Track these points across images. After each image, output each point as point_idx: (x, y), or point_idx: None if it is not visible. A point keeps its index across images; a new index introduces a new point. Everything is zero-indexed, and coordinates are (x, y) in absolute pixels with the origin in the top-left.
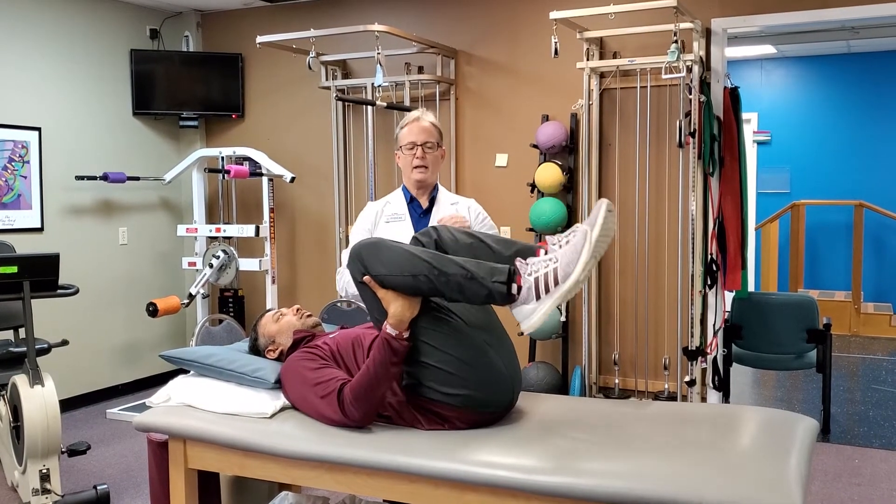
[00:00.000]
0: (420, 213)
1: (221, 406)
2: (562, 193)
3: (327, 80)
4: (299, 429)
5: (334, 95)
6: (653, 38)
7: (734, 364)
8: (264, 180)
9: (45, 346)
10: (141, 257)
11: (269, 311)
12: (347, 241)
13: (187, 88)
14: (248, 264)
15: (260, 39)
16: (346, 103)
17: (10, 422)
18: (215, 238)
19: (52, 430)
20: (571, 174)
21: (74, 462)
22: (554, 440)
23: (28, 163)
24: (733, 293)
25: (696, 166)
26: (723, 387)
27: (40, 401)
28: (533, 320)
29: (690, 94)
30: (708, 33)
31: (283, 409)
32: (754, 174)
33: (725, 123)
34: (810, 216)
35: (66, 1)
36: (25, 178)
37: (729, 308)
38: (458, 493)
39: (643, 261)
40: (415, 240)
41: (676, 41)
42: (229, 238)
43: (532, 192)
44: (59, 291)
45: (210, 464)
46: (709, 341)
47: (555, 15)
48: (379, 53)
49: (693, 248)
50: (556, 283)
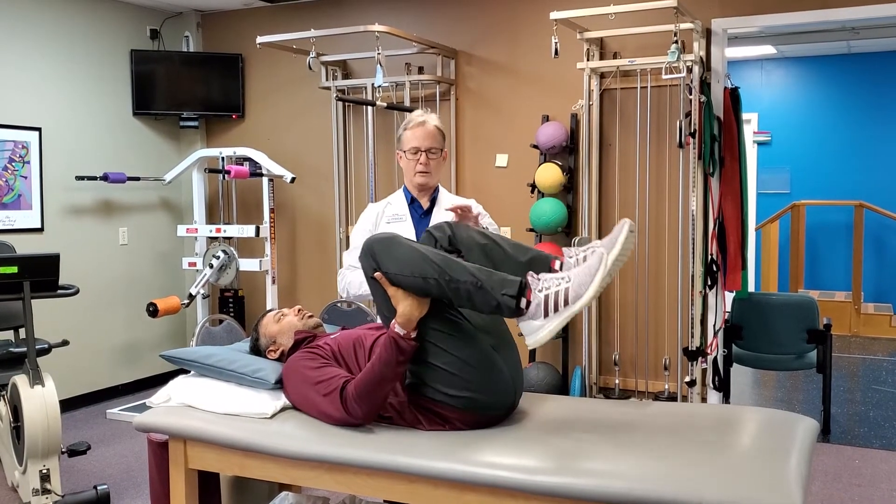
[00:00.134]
0: (421, 214)
1: (221, 406)
2: (562, 194)
3: (327, 80)
4: (299, 429)
5: (334, 96)
6: (653, 38)
7: (734, 364)
8: (264, 180)
9: (46, 346)
10: (141, 257)
11: (270, 311)
12: (348, 242)
13: (187, 89)
14: (248, 264)
15: (260, 40)
16: (347, 103)
17: (10, 422)
18: (215, 238)
19: (53, 431)
20: (572, 174)
21: (74, 462)
22: (554, 440)
23: (28, 163)
24: (733, 293)
25: (697, 166)
26: (723, 387)
27: (40, 401)
28: (539, 336)
29: (690, 94)
30: (708, 34)
31: (283, 410)
32: (754, 174)
33: (725, 124)
34: (810, 216)
35: (66, 1)
36: (26, 178)
37: (729, 308)
38: (457, 493)
39: (643, 261)
40: (428, 234)
41: (677, 41)
42: (229, 238)
43: (532, 192)
44: (60, 291)
45: (210, 464)
46: (709, 342)
47: (555, 15)
48: (379, 54)
49: (693, 248)
50: (566, 304)
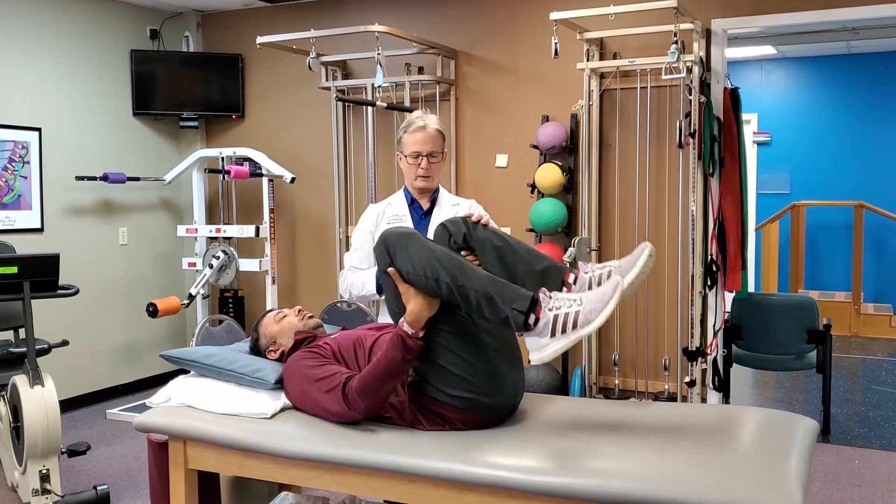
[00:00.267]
0: (421, 215)
1: (221, 406)
2: (562, 194)
3: (327, 80)
4: (299, 429)
5: (334, 96)
6: (653, 38)
7: (734, 364)
8: (264, 181)
9: (46, 346)
10: (141, 257)
11: (270, 311)
12: (348, 242)
13: (187, 89)
14: (248, 265)
15: (260, 40)
16: (347, 104)
17: (10, 422)
18: (215, 238)
19: (52, 431)
20: (571, 175)
21: (74, 462)
22: (554, 440)
23: (28, 163)
24: (733, 294)
25: (696, 167)
26: (723, 387)
27: (40, 401)
28: (543, 355)
29: (690, 94)
30: (708, 34)
31: (283, 410)
32: (754, 175)
33: (725, 124)
34: (810, 217)
35: (66, 1)
36: (25, 178)
37: (729, 308)
38: (457, 493)
39: None
40: (443, 227)
41: (676, 42)
42: (229, 238)
43: (532, 192)
44: (59, 292)
45: (210, 464)
46: (709, 342)
47: (555, 15)
48: (379, 54)
49: (693, 248)
50: (575, 327)
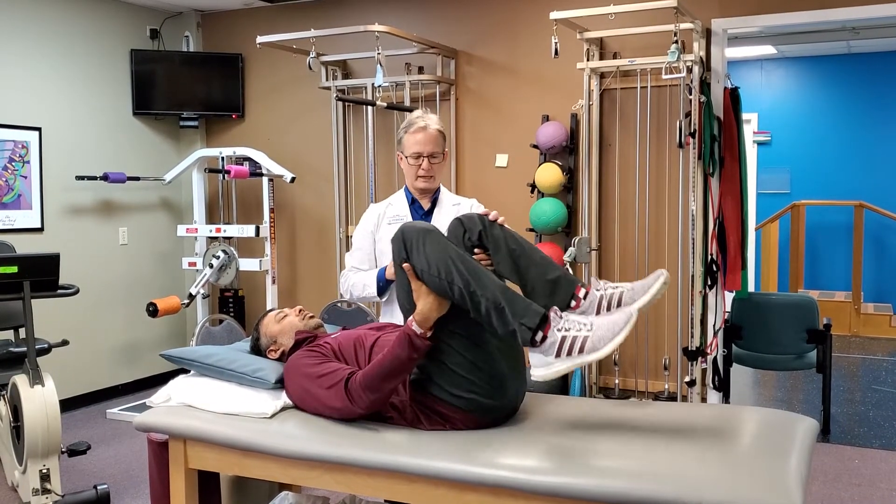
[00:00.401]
0: (422, 215)
1: (222, 406)
2: (562, 194)
3: (327, 80)
4: (299, 429)
5: (334, 96)
6: (653, 38)
7: (734, 364)
8: (264, 180)
9: (46, 345)
10: (141, 257)
11: (271, 311)
12: (348, 242)
13: (187, 88)
14: (248, 264)
15: (260, 40)
16: (347, 103)
17: (10, 422)
18: (215, 238)
19: (53, 430)
20: (571, 174)
21: (74, 462)
22: (554, 440)
23: (28, 163)
24: (733, 293)
25: (697, 166)
26: (723, 387)
27: (40, 401)
28: (545, 373)
29: (690, 94)
30: (708, 34)
31: (283, 409)
32: (754, 174)
33: (725, 124)
34: (810, 216)
35: (66, 1)
36: (25, 178)
37: (729, 308)
38: (457, 492)
39: (643, 261)
40: (457, 222)
41: (677, 41)
42: (229, 238)
43: (532, 192)
44: (60, 291)
45: (210, 464)
46: (709, 341)
47: (555, 15)
48: (379, 54)
49: (693, 248)
50: (581, 352)
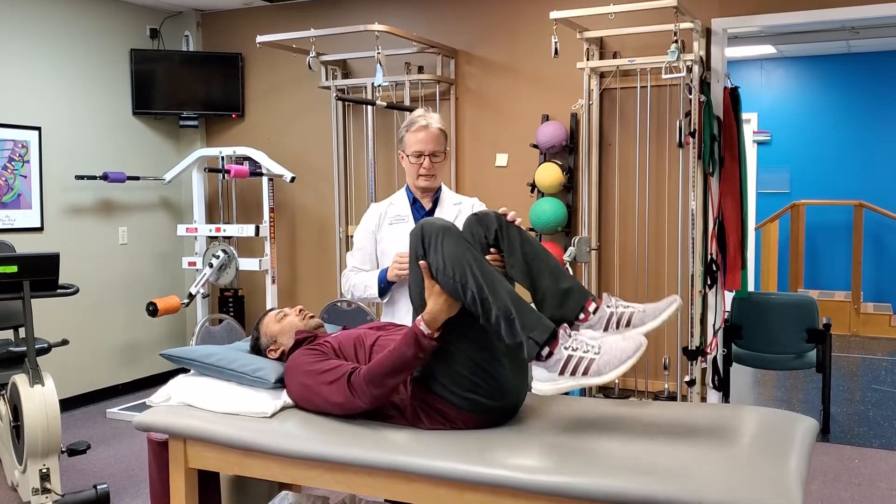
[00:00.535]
0: (423, 215)
1: (222, 405)
2: (562, 193)
3: (327, 79)
4: (299, 428)
5: (334, 95)
6: (653, 38)
7: (734, 364)
8: (264, 180)
9: (45, 345)
10: (141, 257)
11: (271, 310)
12: (348, 241)
13: (187, 88)
14: (248, 264)
15: (260, 39)
16: (346, 103)
17: (10, 421)
18: (215, 238)
19: (52, 430)
20: (571, 174)
21: (74, 461)
22: (554, 440)
23: (28, 162)
24: (733, 293)
25: (696, 166)
26: (723, 387)
27: (40, 400)
28: (546, 388)
29: (690, 94)
30: (708, 33)
31: (283, 409)
32: (754, 174)
33: (725, 123)
34: (810, 216)
35: (66, 1)
36: (25, 177)
37: (729, 308)
38: (457, 492)
39: (643, 261)
40: (474, 218)
41: (676, 41)
42: (229, 238)
43: (532, 192)
44: (59, 291)
45: (210, 463)
46: (709, 341)
47: (555, 15)
48: (379, 53)
49: (693, 247)
50: (585, 373)
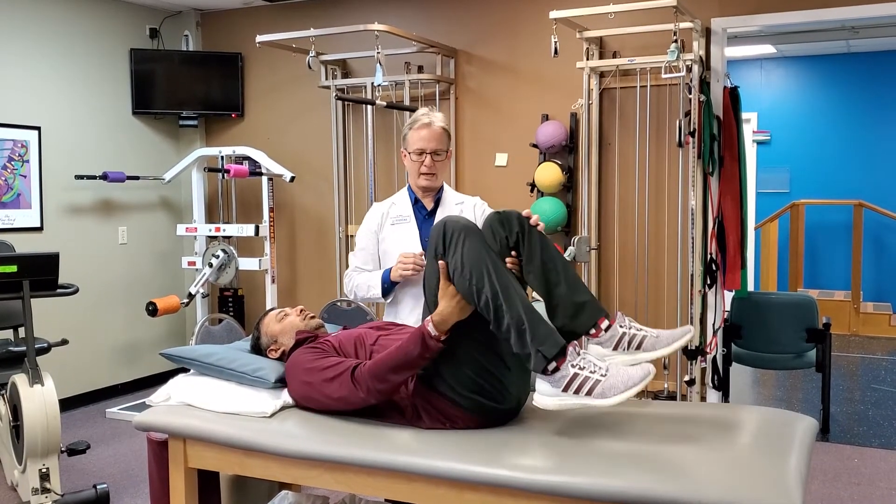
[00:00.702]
0: (425, 215)
1: (221, 405)
2: (562, 193)
3: (327, 79)
4: (299, 428)
5: (334, 95)
6: (653, 37)
7: (734, 363)
8: (264, 180)
9: (45, 345)
10: (141, 257)
11: (272, 310)
12: (347, 241)
13: (187, 88)
14: (247, 264)
15: (260, 39)
16: (346, 103)
17: (9, 421)
18: (215, 237)
19: (52, 430)
20: (571, 174)
21: (74, 461)
22: (554, 439)
23: (27, 162)
24: (733, 293)
25: (696, 166)
26: (722, 386)
27: (40, 400)
28: (548, 403)
29: (690, 93)
30: (708, 33)
31: (283, 409)
32: (754, 174)
33: (725, 123)
34: (810, 216)
35: (66, 1)
36: (25, 177)
37: (728, 307)
38: (457, 492)
39: (643, 260)
40: (496, 218)
41: (676, 41)
42: (229, 237)
43: (532, 191)
44: (59, 291)
45: (210, 463)
46: (708, 341)
47: (555, 14)
48: (379, 53)
49: (693, 247)
50: (588, 394)
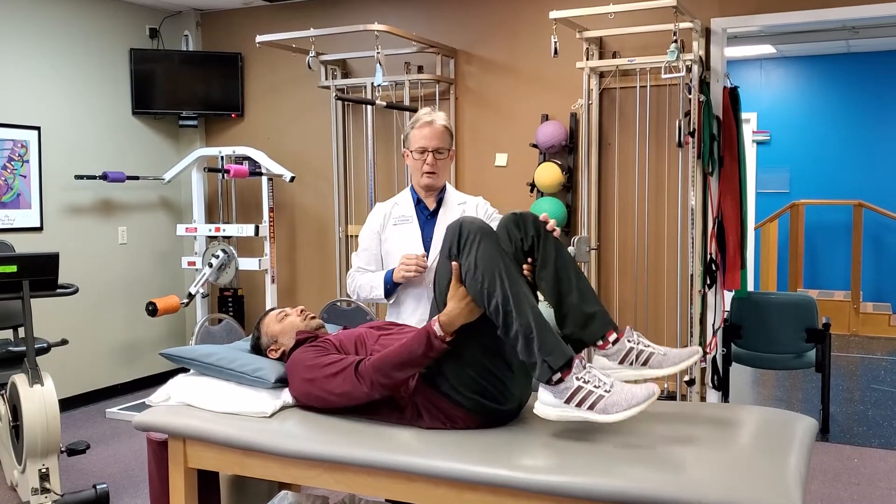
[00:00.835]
0: (427, 215)
1: (221, 405)
2: (561, 193)
3: (327, 79)
4: (299, 428)
5: (334, 95)
6: (652, 37)
7: (733, 363)
8: (264, 180)
9: (45, 345)
10: (140, 257)
11: (272, 310)
12: (347, 241)
13: (187, 88)
14: (247, 264)
15: (259, 39)
16: (346, 103)
17: (9, 421)
18: (215, 237)
19: (52, 430)
20: (571, 174)
21: (74, 461)
22: (554, 439)
23: (27, 162)
24: (733, 293)
25: (696, 166)
26: (722, 386)
27: (40, 400)
28: (549, 413)
29: (690, 93)
30: (707, 33)
31: (283, 409)
32: (754, 174)
33: (725, 123)
34: (810, 216)
35: (66, 1)
36: (25, 177)
37: (728, 308)
38: (457, 492)
39: (643, 260)
40: (512, 219)
41: (676, 41)
42: (229, 237)
43: (532, 191)
44: (59, 291)
45: (210, 463)
46: (708, 341)
47: (554, 14)
48: (378, 53)
49: (692, 247)
50: (591, 408)
